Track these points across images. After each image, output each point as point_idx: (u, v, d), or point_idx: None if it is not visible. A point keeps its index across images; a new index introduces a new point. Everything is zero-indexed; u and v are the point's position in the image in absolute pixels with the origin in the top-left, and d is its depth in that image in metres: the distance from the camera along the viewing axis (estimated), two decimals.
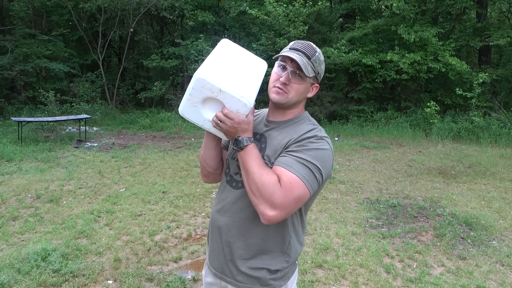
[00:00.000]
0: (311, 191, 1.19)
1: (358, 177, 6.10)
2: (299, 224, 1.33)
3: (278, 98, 1.30)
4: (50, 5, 14.56)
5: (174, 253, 3.40)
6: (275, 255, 1.29)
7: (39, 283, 2.81)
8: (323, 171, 1.21)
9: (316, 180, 1.20)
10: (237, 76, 1.26)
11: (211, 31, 16.27)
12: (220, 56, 1.32)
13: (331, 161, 1.25)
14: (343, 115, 13.15)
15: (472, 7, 12.74)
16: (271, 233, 1.27)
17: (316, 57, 1.28)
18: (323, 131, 1.29)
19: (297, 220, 1.31)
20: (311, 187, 1.18)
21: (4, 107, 12.49)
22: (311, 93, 1.36)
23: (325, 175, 1.22)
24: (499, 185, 5.73)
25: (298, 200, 1.18)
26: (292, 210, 1.19)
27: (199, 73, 1.19)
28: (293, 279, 1.38)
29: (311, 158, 1.19)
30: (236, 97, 1.19)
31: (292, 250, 1.32)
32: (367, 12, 15.43)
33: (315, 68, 1.28)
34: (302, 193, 1.17)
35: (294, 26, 12.38)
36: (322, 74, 1.34)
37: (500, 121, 10.46)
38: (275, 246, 1.29)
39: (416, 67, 11.89)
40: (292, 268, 1.36)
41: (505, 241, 3.77)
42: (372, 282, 2.95)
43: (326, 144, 1.24)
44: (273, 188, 1.15)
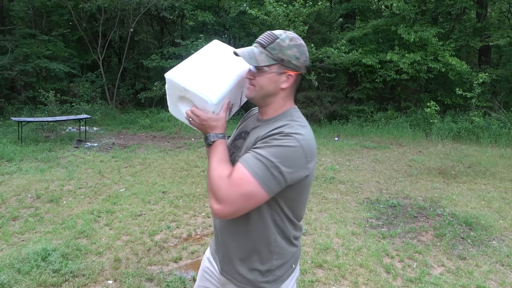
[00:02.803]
0: (266, 189, 1.12)
1: (358, 177, 6.10)
2: (285, 223, 1.26)
3: (247, 94, 1.29)
4: (50, 5, 14.56)
5: (174, 253, 3.40)
6: (263, 255, 1.26)
7: (39, 283, 2.81)
8: (283, 169, 1.12)
9: (273, 178, 1.12)
10: (205, 74, 1.27)
11: (211, 31, 16.28)
12: (199, 56, 1.36)
13: (298, 159, 1.14)
14: (343, 115, 13.15)
15: (472, 7, 12.74)
16: (253, 231, 1.24)
17: (276, 43, 1.20)
18: (297, 127, 1.18)
19: (279, 218, 1.24)
20: (265, 184, 1.12)
21: (4, 107, 12.49)
22: (287, 83, 1.25)
23: (288, 174, 1.13)
24: (499, 185, 5.73)
25: (247, 196, 1.12)
26: (241, 206, 1.14)
27: (167, 73, 1.26)
28: (289, 283, 1.32)
29: (269, 155, 1.12)
30: (198, 95, 1.22)
31: (281, 250, 1.27)
32: (367, 12, 15.44)
33: (274, 55, 1.20)
34: (252, 190, 1.12)
35: (294, 26, 12.38)
36: (296, 60, 1.22)
37: (500, 121, 10.46)
38: (261, 245, 1.25)
39: (416, 67, 11.89)
40: (287, 272, 1.31)
41: (505, 241, 3.77)
42: (372, 282, 2.95)
43: (293, 141, 1.14)
44: (219, 182, 1.14)
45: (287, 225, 1.26)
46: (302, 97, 13.13)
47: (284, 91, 1.26)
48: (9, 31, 13.65)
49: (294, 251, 1.32)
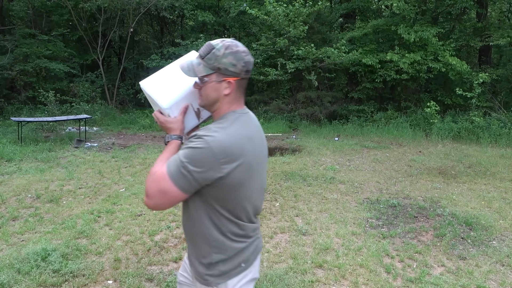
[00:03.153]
0: (178, 186, 1.21)
1: (358, 177, 6.10)
2: (221, 221, 1.30)
3: (199, 103, 1.41)
4: (50, 5, 14.56)
5: (174, 253, 3.39)
6: (203, 249, 1.33)
7: (39, 283, 2.81)
8: (191, 168, 1.19)
9: (183, 177, 1.20)
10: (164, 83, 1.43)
11: (211, 31, 16.28)
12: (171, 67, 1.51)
13: (207, 160, 1.19)
14: (343, 115, 13.15)
15: (472, 7, 12.73)
16: (194, 226, 1.33)
17: (212, 53, 1.28)
18: (212, 130, 1.24)
19: (215, 216, 1.29)
20: (176, 182, 1.20)
21: (4, 107, 12.49)
22: (228, 89, 1.31)
23: (197, 173, 1.19)
24: (499, 185, 5.73)
25: (163, 192, 1.22)
26: (160, 201, 1.23)
27: (141, 82, 1.46)
28: (238, 282, 1.34)
29: (182, 155, 1.21)
30: (155, 101, 1.39)
31: (221, 245, 1.31)
32: (367, 12, 15.43)
33: (210, 65, 1.28)
34: (167, 187, 1.21)
35: (294, 26, 12.38)
36: (233, 66, 1.28)
37: (500, 121, 10.45)
38: (200, 240, 1.33)
39: (416, 67, 11.88)
40: (236, 270, 1.33)
41: (505, 241, 3.77)
42: (372, 282, 2.95)
43: (202, 142, 1.20)
44: (149, 177, 1.26)
45: (225, 223, 1.30)
46: (302, 97, 13.13)
47: (228, 97, 1.33)
48: (9, 31, 13.64)
49: (239, 247, 1.34)
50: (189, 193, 1.24)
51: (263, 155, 1.42)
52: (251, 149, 1.30)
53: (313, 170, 6.47)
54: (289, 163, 7.00)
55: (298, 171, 6.35)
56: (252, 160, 1.30)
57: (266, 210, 4.51)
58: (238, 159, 1.24)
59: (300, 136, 10.62)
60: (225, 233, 1.31)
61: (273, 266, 3.16)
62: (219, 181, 1.23)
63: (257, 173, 1.36)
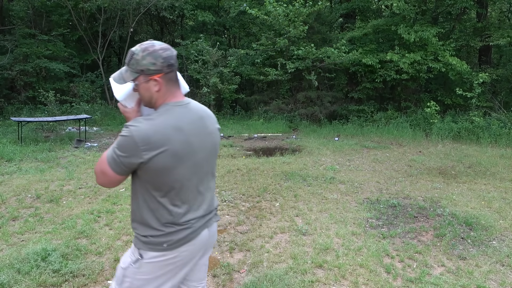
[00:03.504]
0: (111, 168, 1.43)
1: (358, 177, 6.10)
2: (154, 203, 1.47)
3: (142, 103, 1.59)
4: (50, 5, 14.56)
5: None
6: (137, 221, 1.52)
7: (39, 283, 2.81)
8: (118, 153, 1.40)
9: (114, 160, 1.42)
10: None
11: (211, 31, 16.28)
12: None
13: (129, 146, 1.39)
14: (343, 115, 13.15)
15: (472, 7, 12.73)
16: (132, 201, 1.54)
17: (133, 59, 1.45)
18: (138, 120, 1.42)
19: (148, 196, 1.48)
20: (110, 165, 1.42)
21: (4, 107, 12.49)
22: (157, 86, 1.47)
23: (122, 158, 1.40)
24: (499, 185, 5.73)
25: (103, 173, 1.45)
26: (102, 180, 1.47)
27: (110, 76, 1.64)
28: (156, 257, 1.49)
29: (115, 142, 1.44)
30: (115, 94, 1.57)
31: (151, 224, 1.48)
32: (367, 12, 15.43)
33: (135, 69, 1.46)
34: (105, 168, 1.44)
35: (294, 26, 12.38)
36: (154, 65, 1.44)
37: (500, 121, 10.45)
38: (136, 213, 1.52)
39: (416, 67, 11.88)
40: (158, 247, 1.48)
41: (505, 241, 3.77)
42: (372, 282, 2.95)
43: (127, 131, 1.40)
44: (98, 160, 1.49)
45: (156, 205, 1.48)
46: (302, 97, 13.13)
47: (159, 92, 1.49)
48: (8, 31, 13.64)
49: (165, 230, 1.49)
50: (121, 174, 1.44)
51: (203, 145, 1.55)
52: (179, 138, 1.44)
53: (313, 170, 6.47)
54: (289, 163, 7.00)
55: (298, 171, 6.35)
56: (180, 148, 1.44)
57: (266, 210, 4.51)
58: (160, 147, 1.40)
59: (300, 136, 10.62)
60: (155, 214, 1.48)
61: (273, 266, 3.16)
62: (143, 166, 1.41)
63: (191, 161, 1.50)
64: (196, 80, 13.80)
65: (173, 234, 1.49)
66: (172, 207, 1.48)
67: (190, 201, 1.53)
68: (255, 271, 3.09)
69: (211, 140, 1.60)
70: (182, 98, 1.55)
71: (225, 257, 3.34)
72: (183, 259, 1.54)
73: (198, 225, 1.57)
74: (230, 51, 13.82)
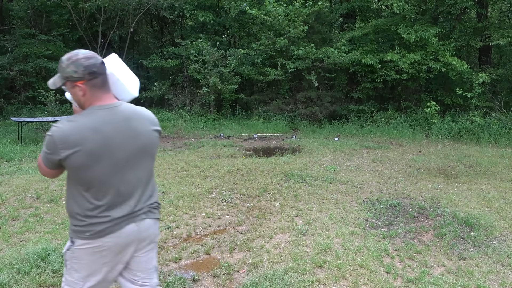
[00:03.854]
0: (44, 162, 1.64)
1: (358, 177, 6.09)
2: (78, 196, 1.65)
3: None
4: (50, 5, 14.55)
5: (174, 253, 3.39)
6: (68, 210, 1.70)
7: (39, 283, 2.81)
8: (45, 150, 1.60)
9: (44, 156, 1.62)
10: None
11: (211, 31, 16.27)
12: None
13: (51, 145, 1.57)
14: (343, 115, 13.15)
15: (472, 7, 12.73)
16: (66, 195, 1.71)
17: (61, 67, 1.62)
18: (60, 122, 1.59)
19: (75, 191, 1.65)
20: (42, 159, 1.64)
21: (4, 107, 12.49)
22: (82, 92, 1.63)
23: (47, 154, 1.59)
24: (500, 185, 5.72)
25: (39, 166, 1.68)
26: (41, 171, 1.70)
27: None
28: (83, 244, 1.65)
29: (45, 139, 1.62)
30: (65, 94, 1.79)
31: (76, 213, 1.65)
32: (367, 12, 15.43)
33: (62, 76, 1.62)
34: (40, 162, 1.67)
35: (294, 26, 12.38)
36: (76, 73, 1.59)
37: (501, 121, 10.45)
38: (67, 206, 1.71)
39: (416, 67, 11.88)
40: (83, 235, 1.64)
41: (506, 241, 3.76)
42: (372, 282, 2.95)
43: (50, 131, 1.57)
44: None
45: (80, 197, 1.64)
46: (302, 97, 13.13)
47: (85, 97, 1.64)
48: (8, 31, 13.63)
49: (88, 221, 1.64)
50: (51, 168, 1.64)
51: (126, 146, 1.66)
52: (95, 139, 1.57)
53: (313, 170, 6.47)
54: (289, 163, 7.00)
55: (298, 171, 6.35)
56: (96, 148, 1.57)
57: (266, 210, 4.51)
58: (76, 147, 1.55)
59: (300, 136, 10.62)
60: (80, 206, 1.65)
61: (273, 266, 3.16)
62: (63, 163, 1.59)
63: (109, 161, 1.61)
64: (196, 80, 13.80)
65: (95, 225, 1.64)
66: (94, 200, 1.63)
67: (112, 197, 1.65)
68: (255, 271, 3.08)
69: (140, 141, 1.70)
70: (109, 101, 1.67)
71: (225, 257, 3.33)
72: (110, 249, 1.68)
73: (122, 219, 1.68)
74: (230, 51, 13.82)
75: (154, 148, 1.78)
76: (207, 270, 3.11)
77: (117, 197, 1.66)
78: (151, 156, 1.78)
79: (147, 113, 1.80)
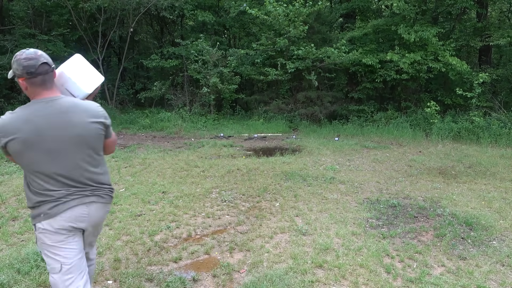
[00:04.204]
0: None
1: (358, 177, 6.09)
2: (26, 177, 1.89)
3: None
4: (50, 5, 14.54)
5: (174, 253, 3.39)
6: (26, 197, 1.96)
7: (38, 283, 2.81)
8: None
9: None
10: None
11: (211, 31, 16.27)
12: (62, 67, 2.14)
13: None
14: (343, 115, 13.14)
15: (472, 7, 12.72)
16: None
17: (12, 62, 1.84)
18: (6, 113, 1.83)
19: (25, 175, 1.90)
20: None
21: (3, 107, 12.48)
22: (24, 87, 1.87)
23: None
24: (500, 185, 5.73)
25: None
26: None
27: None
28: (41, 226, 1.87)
29: None
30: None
31: (28, 197, 1.91)
32: (367, 12, 15.43)
33: (12, 70, 1.86)
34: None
35: (294, 26, 12.38)
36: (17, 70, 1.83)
37: (501, 121, 10.45)
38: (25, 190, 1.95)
39: (416, 67, 11.87)
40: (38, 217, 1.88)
41: (506, 241, 3.76)
42: (372, 282, 2.95)
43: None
44: None
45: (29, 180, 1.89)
46: (302, 97, 13.13)
47: (27, 91, 1.87)
48: (8, 31, 13.63)
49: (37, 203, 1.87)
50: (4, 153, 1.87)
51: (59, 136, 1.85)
52: (27, 128, 1.78)
53: (313, 170, 6.47)
54: (289, 163, 7.00)
55: (298, 171, 6.35)
56: (28, 137, 1.78)
57: (266, 210, 4.51)
58: (11, 135, 1.78)
59: (300, 136, 10.62)
60: (30, 188, 1.89)
61: (273, 266, 3.16)
62: (5, 149, 1.83)
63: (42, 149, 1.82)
64: (196, 80, 13.80)
65: (43, 206, 1.86)
66: (41, 182, 1.85)
67: (52, 181, 1.86)
68: (255, 271, 3.08)
69: (74, 131, 1.88)
70: (48, 95, 1.87)
71: (225, 257, 3.33)
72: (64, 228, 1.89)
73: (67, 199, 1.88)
74: (230, 51, 13.82)
75: (92, 138, 1.94)
76: (207, 270, 3.11)
77: (57, 182, 1.87)
78: (89, 145, 1.94)
79: (89, 107, 1.96)
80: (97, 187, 1.99)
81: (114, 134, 2.15)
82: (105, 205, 2.05)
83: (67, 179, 1.89)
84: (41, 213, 1.86)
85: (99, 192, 2.00)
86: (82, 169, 1.93)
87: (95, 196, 1.98)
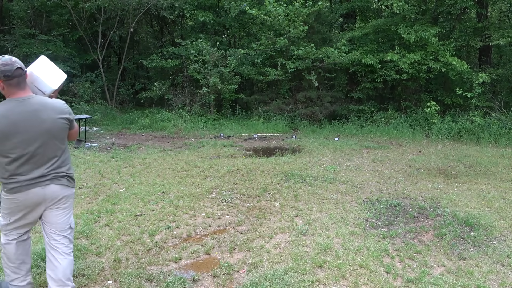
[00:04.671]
0: None
1: (358, 177, 6.09)
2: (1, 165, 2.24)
3: None
4: (50, 5, 14.55)
5: (174, 253, 3.39)
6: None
7: (39, 283, 2.81)
8: None
9: None
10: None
11: (211, 31, 16.27)
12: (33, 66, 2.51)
13: None
14: (343, 115, 13.14)
15: (472, 7, 12.73)
16: None
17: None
18: None
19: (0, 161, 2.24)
20: None
21: None
22: (0, 87, 2.22)
23: None
24: (500, 185, 5.73)
25: None
26: None
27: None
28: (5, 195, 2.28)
29: None
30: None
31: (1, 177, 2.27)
32: (367, 12, 15.43)
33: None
34: None
35: (294, 26, 12.38)
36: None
37: (501, 121, 10.45)
38: None
39: (416, 67, 11.87)
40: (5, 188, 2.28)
41: (506, 241, 3.76)
42: (372, 282, 2.95)
43: None
44: None
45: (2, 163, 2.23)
46: (302, 97, 13.13)
47: (4, 91, 2.24)
48: (8, 31, 13.63)
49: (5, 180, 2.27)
50: None
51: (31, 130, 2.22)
52: (4, 122, 2.15)
53: (313, 170, 6.47)
54: (289, 163, 7.00)
55: (298, 171, 6.35)
56: (4, 130, 2.15)
57: (266, 210, 4.51)
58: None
59: (300, 136, 10.62)
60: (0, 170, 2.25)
61: (273, 266, 3.16)
62: None
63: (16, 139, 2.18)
64: (196, 80, 13.80)
65: (10, 184, 2.25)
66: (9, 166, 2.22)
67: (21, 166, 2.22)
68: (255, 271, 3.08)
69: (43, 126, 2.25)
70: (22, 95, 2.24)
71: (225, 257, 3.33)
72: (22, 202, 2.28)
73: (28, 182, 2.25)
74: (230, 51, 13.82)
75: (59, 131, 2.33)
76: (207, 270, 3.11)
77: (25, 166, 2.23)
78: (56, 138, 2.32)
79: (57, 105, 2.34)
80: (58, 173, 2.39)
81: (77, 125, 2.56)
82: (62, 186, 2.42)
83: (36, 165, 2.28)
84: (5, 187, 2.29)
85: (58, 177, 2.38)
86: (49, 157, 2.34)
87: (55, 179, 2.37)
